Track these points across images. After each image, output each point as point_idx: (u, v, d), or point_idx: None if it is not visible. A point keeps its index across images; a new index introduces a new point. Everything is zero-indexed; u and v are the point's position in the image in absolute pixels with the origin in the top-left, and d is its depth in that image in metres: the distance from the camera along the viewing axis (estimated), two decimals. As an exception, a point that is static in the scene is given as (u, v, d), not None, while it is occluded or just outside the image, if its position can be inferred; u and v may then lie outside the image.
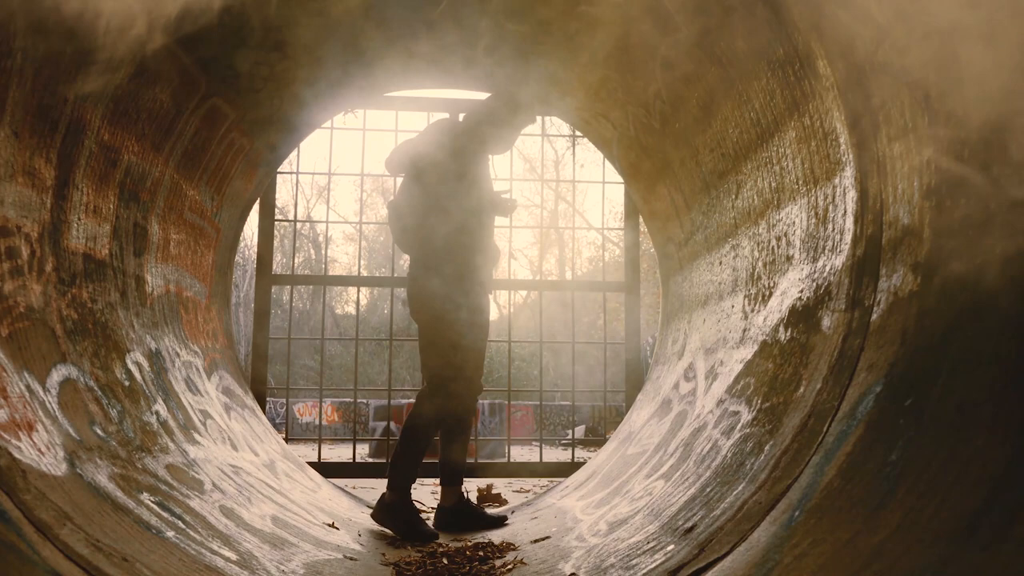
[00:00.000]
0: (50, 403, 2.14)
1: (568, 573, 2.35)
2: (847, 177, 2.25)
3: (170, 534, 2.09)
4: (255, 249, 5.34)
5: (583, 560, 2.44)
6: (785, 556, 1.60)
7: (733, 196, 3.25)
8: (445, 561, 2.73)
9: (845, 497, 1.60)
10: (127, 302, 2.99)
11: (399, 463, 3.34)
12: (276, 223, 5.07)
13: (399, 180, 3.72)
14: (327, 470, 4.60)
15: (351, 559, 2.66)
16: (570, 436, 5.32)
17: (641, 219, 4.98)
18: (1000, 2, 1.50)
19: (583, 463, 4.53)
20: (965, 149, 1.63)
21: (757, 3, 2.48)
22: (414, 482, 3.38)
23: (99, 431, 2.31)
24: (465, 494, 3.55)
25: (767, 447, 2.17)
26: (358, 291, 6.26)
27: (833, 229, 2.34)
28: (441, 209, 3.33)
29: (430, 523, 3.43)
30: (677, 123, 3.61)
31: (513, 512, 3.85)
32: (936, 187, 1.74)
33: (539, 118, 6.00)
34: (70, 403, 2.25)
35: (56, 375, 2.26)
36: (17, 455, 1.79)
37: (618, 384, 5.27)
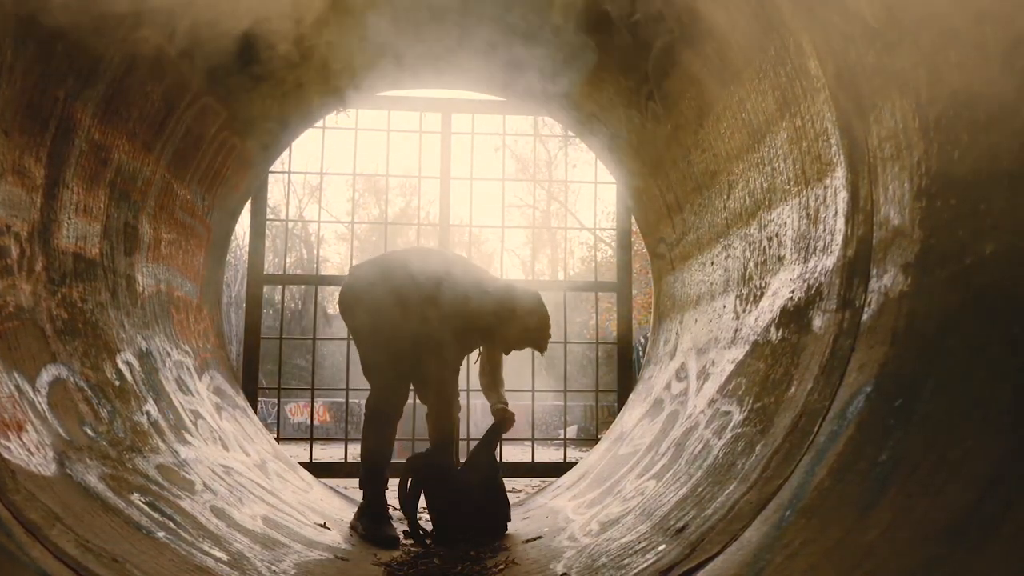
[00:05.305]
0: (40, 403, 2.12)
1: (560, 573, 2.35)
2: (838, 178, 2.26)
3: (161, 534, 2.08)
4: (247, 248, 5.33)
5: (575, 560, 2.44)
6: (776, 556, 1.60)
7: (725, 196, 3.25)
8: (437, 561, 2.73)
9: (836, 497, 1.60)
10: (118, 302, 2.97)
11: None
12: (268, 222, 5.05)
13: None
14: (319, 470, 4.59)
15: (342, 559, 2.66)
16: (562, 436, 5.32)
17: (633, 219, 4.99)
18: (991, 3, 1.51)
19: (575, 463, 4.53)
20: (956, 150, 1.64)
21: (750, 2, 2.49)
22: (381, 484, 3.28)
23: (89, 431, 2.30)
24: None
25: (758, 447, 2.18)
26: (350, 291, 6.23)
27: (824, 230, 2.35)
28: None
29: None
30: (669, 123, 3.62)
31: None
32: (927, 188, 1.75)
33: (532, 118, 6.00)
34: (60, 403, 2.23)
35: (46, 375, 2.25)
36: (7, 455, 1.78)
37: (610, 384, 5.27)
